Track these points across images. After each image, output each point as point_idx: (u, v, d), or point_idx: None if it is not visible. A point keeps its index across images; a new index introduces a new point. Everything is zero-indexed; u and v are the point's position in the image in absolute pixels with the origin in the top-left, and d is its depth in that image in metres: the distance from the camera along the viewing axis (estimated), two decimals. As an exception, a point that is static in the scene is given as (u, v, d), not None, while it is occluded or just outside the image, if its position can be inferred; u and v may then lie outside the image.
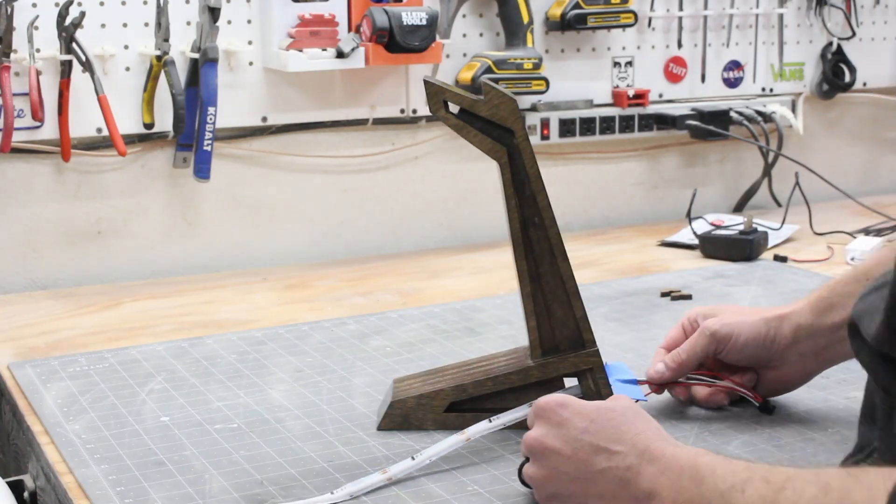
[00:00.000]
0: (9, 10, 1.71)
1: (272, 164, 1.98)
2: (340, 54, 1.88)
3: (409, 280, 1.83)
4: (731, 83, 2.32)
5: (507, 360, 1.23)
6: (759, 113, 2.28)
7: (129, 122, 1.84)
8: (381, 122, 2.04)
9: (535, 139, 2.10)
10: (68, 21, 1.75)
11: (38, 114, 1.75)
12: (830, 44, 2.39)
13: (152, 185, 1.90)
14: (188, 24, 1.86)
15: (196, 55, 1.82)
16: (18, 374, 1.40)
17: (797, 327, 1.18)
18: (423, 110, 2.06)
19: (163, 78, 1.82)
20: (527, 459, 1.01)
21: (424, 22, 1.89)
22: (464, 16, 2.06)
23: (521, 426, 1.09)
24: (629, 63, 2.22)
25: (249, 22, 1.91)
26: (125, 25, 1.83)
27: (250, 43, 1.91)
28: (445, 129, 2.08)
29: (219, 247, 1.96)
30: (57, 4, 1.76)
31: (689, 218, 2.01)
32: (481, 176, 2.09)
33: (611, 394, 1.18)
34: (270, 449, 1.16)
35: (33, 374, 1.40)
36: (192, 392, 1.33)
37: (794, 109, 2.37)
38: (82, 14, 1.76)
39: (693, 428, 1.19)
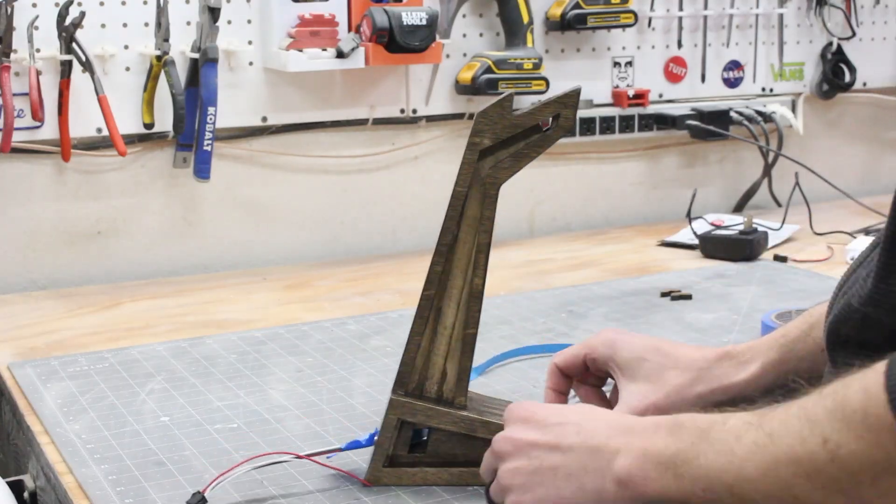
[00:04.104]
0: (9, 10, 1.71)
1: (272, 164, 1.98)
2: (340, 54, 1.88)
3: (409, 280, 1.83)
4: (731, 83, 2.32)
5: None
6: (759, 113, 2.28)
7: (129, 122, 1.84)
8: (381, 122, 2.04)
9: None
10: (68, 21, 1.75)
11: (38, 114, 1.75)
12: (830, 44, 2.38)
13: (152, 185, 1.90)
14: (188, 24, 1.86)
15: (196, 55, 1.82)
16: (18, 374, 1.40)
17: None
18: (423, 110, 2.06)
19: (163, 78, 1.82)
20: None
21: (424, 22, 1.89)
22: (464, 16, 2.06)
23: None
24: (629, 63, 2.22)
25: (249, 22, 1.91)
26: (125, 25, 1.83)
27: (250, 43, 1.91)
28: (445, 129, 2.10)
29: (219, 247, 1.96)
30: (57, 4, 1.76)
31: (689, 218, 2.01)
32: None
33: None
34: (270, 449, 1.16)
35: (33, 374, 1.40)
36: (192, 392, 1.33)
37: (794, 109, 2.37)
38: (82, 14, 1.76)
39: (693, 428, 1.19)
